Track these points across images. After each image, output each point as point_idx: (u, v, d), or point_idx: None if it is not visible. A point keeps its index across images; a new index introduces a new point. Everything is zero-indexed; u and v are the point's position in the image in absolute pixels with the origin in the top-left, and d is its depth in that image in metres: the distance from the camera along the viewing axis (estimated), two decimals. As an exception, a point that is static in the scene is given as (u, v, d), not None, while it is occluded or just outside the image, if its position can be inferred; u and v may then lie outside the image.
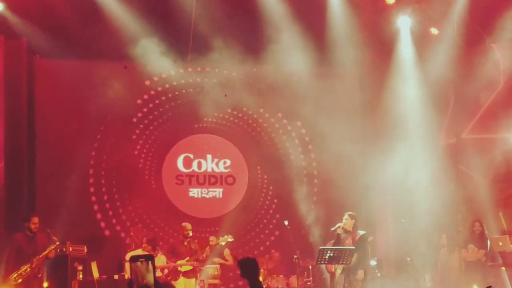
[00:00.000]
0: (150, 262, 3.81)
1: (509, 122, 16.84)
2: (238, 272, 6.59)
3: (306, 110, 17.78)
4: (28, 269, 13.92)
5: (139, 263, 3.78)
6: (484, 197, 16.67)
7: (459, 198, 16.99)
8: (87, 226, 16.93)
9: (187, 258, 14.85)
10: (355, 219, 13.96)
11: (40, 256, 14.07)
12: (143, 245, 14.80)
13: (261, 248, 17.66)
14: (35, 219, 14.27)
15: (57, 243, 14.32)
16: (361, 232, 14.04)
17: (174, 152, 18.18)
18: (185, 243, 14.96)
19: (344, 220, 14.11)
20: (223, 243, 15.41)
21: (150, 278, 3.79)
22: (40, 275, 14.22)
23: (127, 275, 14.46)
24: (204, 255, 15.20)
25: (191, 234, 15.13)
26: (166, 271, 14.60)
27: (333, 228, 14.37)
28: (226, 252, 15.98)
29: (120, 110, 17.61)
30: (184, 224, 15.46)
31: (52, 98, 17.23)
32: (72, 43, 16.40)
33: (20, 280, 13.84)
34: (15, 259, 14.01)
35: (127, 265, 14.82)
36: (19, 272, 13.85)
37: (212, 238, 15.51)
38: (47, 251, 14.17)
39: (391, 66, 17.67)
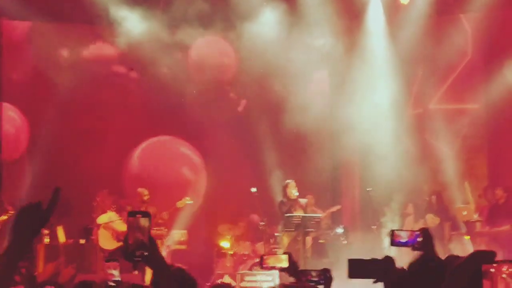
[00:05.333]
0: (147, 218, 3.74)
1: (476, 93, 16.98)
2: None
3: (275, 79, 17.72)
4: None
5: (137, 218, 3.71)
6: (450, 167, 16.81)
7: (425, 168, 17.12)
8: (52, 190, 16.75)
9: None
10: None
11: None
12: (112, 210, 14.85)
13: (230, 215, 17.63)
14: None
15: (10, 212, 14.28)
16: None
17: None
18: (143, 208, 14.98)
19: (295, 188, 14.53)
20: (181, 206, 15.49)
21: (146, 234, 3.73)
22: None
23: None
24: (160, 221, 15.27)
25: (147, 198, 15.20)
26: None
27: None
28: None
29: (92, 74, 17.40)
30: (140, 189, 15.51)
31: (21, 62, 16.97)
32: (41, 4, 16.16)
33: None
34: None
35: (102, 231, 14.84)
36: None
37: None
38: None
39: (361, 36, 17.69)
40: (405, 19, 17.16)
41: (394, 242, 4.96)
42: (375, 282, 4.52)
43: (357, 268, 4.60)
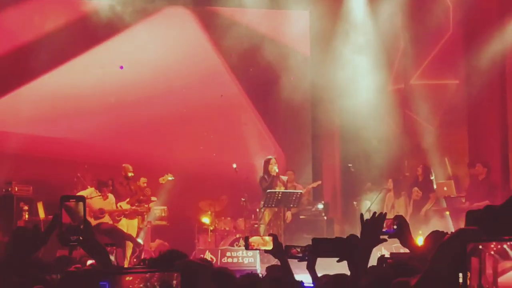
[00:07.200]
0: (81, 203, 3.68)
1: (457, 69, 16.97)
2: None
3: (257, 53, 17.65)
4: None
5: (70, 203, 3.66)
6: (430, 142, 16.83)
7: (405, 143, 17.15)
8: (33, 166, 16.70)
9: (128, 199, 14.82)
10: None
11: None
12: (91, 186, 14.78)
13: (211, 191, 17.60)
14: None
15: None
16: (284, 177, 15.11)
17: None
18: (125, 185, 14.92)
19: (275, 165, 14.59)
20: (163, 182, 15.43)
21: (79, 220, 3.69)
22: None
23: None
24: (142, 197, 15.21)
25: (132, 175, 15.11)
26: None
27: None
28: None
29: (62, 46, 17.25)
30: (125, 165, 15.34)
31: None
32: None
33: None
34: None
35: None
36: None
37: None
38: None
39: (342, 10, 17.64)
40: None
41: None
42: (339, 261, 4.54)
43: (321, 247, 4.63)
